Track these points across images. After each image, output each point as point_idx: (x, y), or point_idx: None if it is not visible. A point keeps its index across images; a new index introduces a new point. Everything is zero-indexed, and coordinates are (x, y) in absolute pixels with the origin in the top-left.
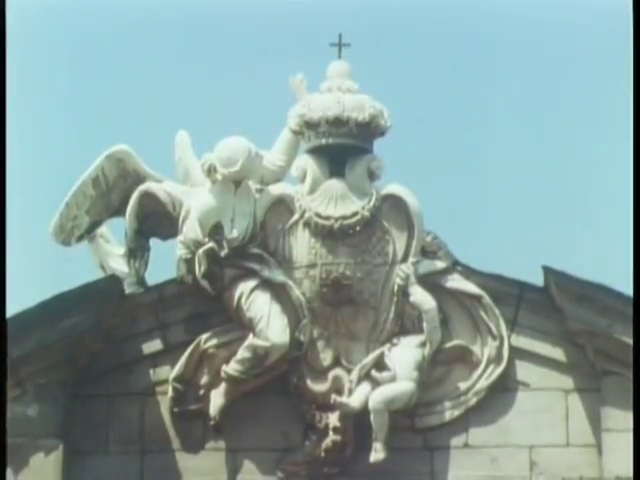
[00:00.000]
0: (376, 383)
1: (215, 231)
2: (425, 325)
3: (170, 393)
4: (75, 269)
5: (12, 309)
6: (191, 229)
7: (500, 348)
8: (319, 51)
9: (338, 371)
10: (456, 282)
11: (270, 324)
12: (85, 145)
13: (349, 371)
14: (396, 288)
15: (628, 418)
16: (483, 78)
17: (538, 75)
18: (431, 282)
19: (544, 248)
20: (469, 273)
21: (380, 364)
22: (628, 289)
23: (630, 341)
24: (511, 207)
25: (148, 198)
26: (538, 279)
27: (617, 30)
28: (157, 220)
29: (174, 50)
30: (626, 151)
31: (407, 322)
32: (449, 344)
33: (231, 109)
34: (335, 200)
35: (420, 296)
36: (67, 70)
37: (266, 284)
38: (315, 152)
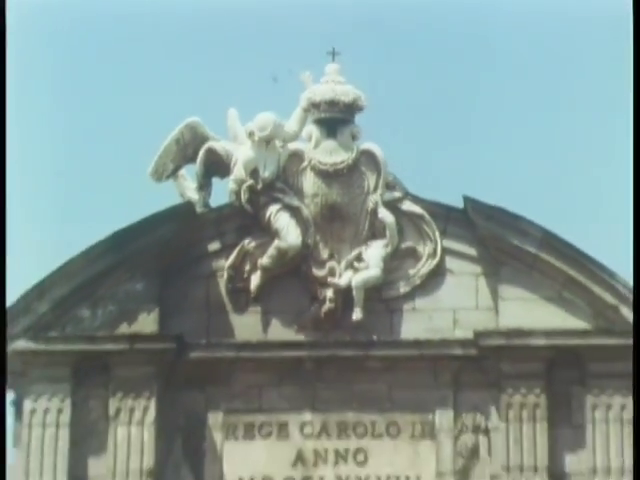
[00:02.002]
0: (356, 270)
1: (254, 173)
2: (388, 233)
3: (225, 276)
4: (165, 197)
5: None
6: (238, 171)
7: (435, 248)
8: (320, 57)
9: (332, 263)
10: (408, 206)
11: (289, 233)
12: (167, 118)
13: (339, 262)
14: (370, 209)
15: (516, 291)
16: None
17: (529, 66)
18: (392, 206)
19: (467, 183)
20: (417, 200)
21: (359, 258)
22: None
23: (521, 245)
24: (446, 153)
25: (211, 152)
26: (461, 204)
27: (617, 30)
28: (217, 166)
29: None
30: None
31: (376, 231)
32: (403, 245)
33: (263, 95)
34: (330, 153)
35: (385, 214)
36: (120, 60)
37: (287, 207)
38: (317, 122)
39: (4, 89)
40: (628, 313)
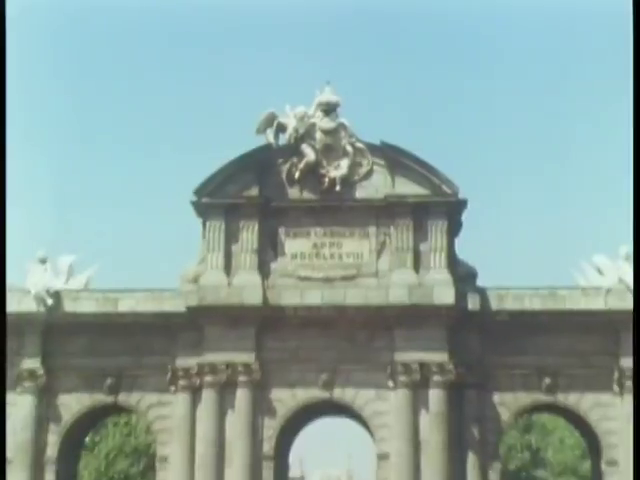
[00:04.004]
0: (337, 170)
1: (296, 131)
2: (350, 155)
3: (285, 173)
4: (260, 141)
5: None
6: (290, 130)
7: (369, 161)
8: (323, 84)
9: (328, 167)
10: (358, 144)
11: (310, 154)
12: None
13: (330, 166)
14: (342, 145)
15: (403, 179)
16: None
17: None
18: (351, 144)
19: (385, 135)
20: (361, 142)
21: (339, 165)
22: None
23: (406, 162)
24: (378, 124)
25: (279, 123)
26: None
27: (617, 30)
28: (281, 128)
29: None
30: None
31: (345, 154)
32: (356, 160)
33: (299, 99)
34: (327, 123)
35: (348, 148)
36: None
37: (309, 145)
38: (321, 110)
39: (4, 87)
40: (446, 188)
